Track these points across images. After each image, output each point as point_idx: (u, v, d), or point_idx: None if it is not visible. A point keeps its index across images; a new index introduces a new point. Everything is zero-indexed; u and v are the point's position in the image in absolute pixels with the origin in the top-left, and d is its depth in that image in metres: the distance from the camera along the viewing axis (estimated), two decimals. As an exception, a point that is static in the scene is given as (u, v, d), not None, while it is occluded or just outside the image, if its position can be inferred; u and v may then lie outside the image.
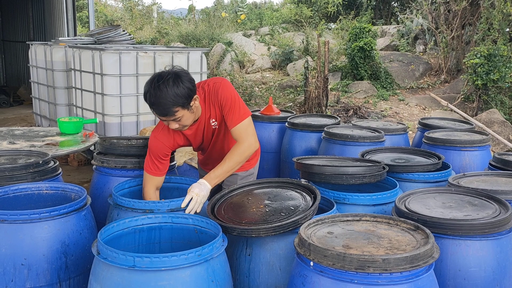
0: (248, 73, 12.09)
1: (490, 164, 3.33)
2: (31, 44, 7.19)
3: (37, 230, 2.23)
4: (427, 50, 11.76)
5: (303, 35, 12.94)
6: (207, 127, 2.81)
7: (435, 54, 11.32)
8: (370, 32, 10.37)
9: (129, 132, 5.48)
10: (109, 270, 1.89)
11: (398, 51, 11.94)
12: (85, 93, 5.76)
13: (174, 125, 2.61)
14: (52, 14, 10.79)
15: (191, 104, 2.56)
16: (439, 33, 10.73)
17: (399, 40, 12.41)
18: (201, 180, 2.56)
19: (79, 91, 5.87)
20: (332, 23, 15.32)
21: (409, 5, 13.43)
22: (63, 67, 6.42)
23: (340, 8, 14.82)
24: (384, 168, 2.89)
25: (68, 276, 2.30)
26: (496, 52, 8.16)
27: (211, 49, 12.34)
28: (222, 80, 2.76)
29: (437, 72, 10.82)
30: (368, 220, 2.15)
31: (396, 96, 9.88)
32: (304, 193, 2.49)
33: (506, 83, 8.42)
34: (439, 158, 3.21)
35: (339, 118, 4.74)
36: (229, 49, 12.34)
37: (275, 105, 9.22)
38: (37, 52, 6.87)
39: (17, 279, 2.19)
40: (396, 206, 2.37)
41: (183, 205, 2.42)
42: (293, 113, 5.02)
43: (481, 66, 8.20)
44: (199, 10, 17.89)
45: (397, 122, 4.80)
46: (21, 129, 4.40)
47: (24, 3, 12.01)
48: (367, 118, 8.24)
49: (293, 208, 2.34)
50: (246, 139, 2.65)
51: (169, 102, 2.47)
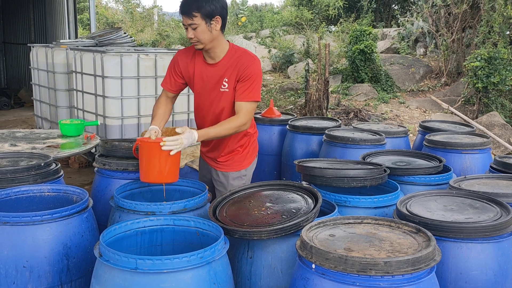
0: (249, 76, 12.09)
1: (491, 167, 3.33)
2: (33, 47, 7.20)
3: (39, 232, 2.23)
4: (428, 53, 11.77)
5: (304, 38, 12.95)
6: (217, 83, 2.86)
7: (436, 57, 11.33)
8: (371, 35, 10.39)
9: (130, 134, 5.49)
10: (111, 273, 1.89)
11: (399, 54, 11.96)
12: (86, 95, 5.77)
13: (190, 33, 2.73)
14: (54, 17, 10.81)
15: (211, 22, 2.70)
16: (440, 36, 10.74)
17: (400, 43, 12.43)
18: (194, 132, 2.67)
19: (80, 93, 5.88)
20: (333, 26, 15.35)
21: (410, 8, 13.45)
22: (65, 69, 6.43)
23: (341, 11, 14.84)
24: (386, 171, 2.90)
25: (70, 279, 2.30)
26: (497, 55, 8.17)
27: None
28: (257, 59, 2.87)
29: (438, 75, 10.84)
30: (370, 223, 2.16)
31: (397, 99, 9.89)
32: (306, 196, 2.49)
33: (507, 86, 8.42)
34: (440, 161, 3.22)
35: (340, 121, 4.75)
36: (230, 52, 12.34)
37: (276, 108, 9.25)
38: (39, 54, 6.89)
39: (19, 282, 2.20)
40: (398, 209, 2.37)
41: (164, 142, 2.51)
42: (294, 116, 5.03)
43: (482, 69, 8.21)
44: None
45: (398, 125, 4.81)
46: (23, 131, 4.40)
47: (26, 6, 12.04)
48: (368, 121, 8.25)
49: (295, 211, 2.34)
50: (244, 118, 2.78)
51: (193, 2, 2.66)
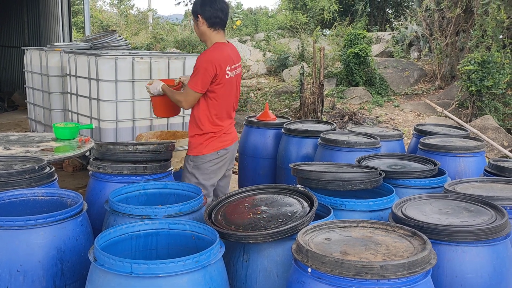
0: (244, 79, 12.11)
1: (485, 170, 3.34)
2: (26, 50, 7.17)
3: (33, 237, 2.22)
4: (422, 57, 11.84)
5: (299, 41, 12.99)
6: None
7: (430, 61, 11.39)
8: (365, 39, 10.44)
9: (125, 138, 5.46)
10: (106, 277, 1.88)
11: (393, 58, 12.02)
12: (81, 99, 5.74)
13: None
14: (48, 20, 10.77)
15: (197, 19, 3.19)
16: (433, 40, 10.81)
17: (394, 47, 12.49)
18: (160, 84, 3.35)
19: (75, 97, 5.86)
20: (328, 30, 15.40)
21: (404, 12, 13.53)
22: (59, 73, 6.39)
23: (336, 15, 14.90)
24: (381, 174, 2.90)
25: (64, 283, 2.28)
26: (490, 59, 8.23)
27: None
28: (207, 53, 3.18)
29: (432, 79, 10.89)
30: (365, 226, 2.15)
31: (391, 102, 9.93)
32: (301, 199, 2.49)
33: (500, 90, 8.48)
34: (435, 164, 3.23)
35: (335, 124, 4.75)
36: (225, 55, 12.35)
37: (271, 111, 9.25)
38: (32, 57, 6.85)
39: (13, 286, 2.18)
40: (393, 212, 2.37)
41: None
42: (289, 119, 5.02)
43: (475, 73, 8.26)
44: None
45: (393, 128, 4.82)
46: (16, 135, 4.38)
47: (20, 8, 12.00)
48: (363, 124, 8.27)
49: (290, 214, 2.34)
50: (182, 96, 3.26)
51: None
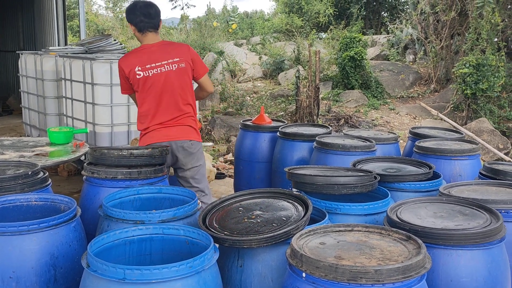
0: (240, 82, 12.12)
1: (480, 174, 3.34)
2: (21, 54, 7.16)
3: (26, 242, 2.19)
4: (417, 60, 11.87)
5: (294, 45, 13.01)
6: None
7: (425, 64, 11.43)
8: (361, 42, 10.46)
9: (120, 142, 5.45)
10: (99, 283, 1.86)
11: (388, 61, 12.05)
12: (76, 103, 5.73)
13: None
14: (43, 24, 10.75)
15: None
16: (429, 43, 10.84)
17: (389, 50, 12.53)
18: None
19: (70, 101, 5.85)
20: (323, 33, 15.42)
21: (399, 15, 13.58)
22: (53, 77, 6.38)
23: (331, 18, 14.94)
24: (376, 178, 2.90)
25: (57, 289, 2.26)
26: (485, 62, 8.26)
27: (203, 59, 12.35)
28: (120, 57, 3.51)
29: (427, 82, 10.92)
30: (360, 230, 2.15)
31: (387, 105, 9.95)
32: (296, 203, 2.48)
33: (495, 92, 8.51)
34: (430, 168, 3.22)
35: (331, 128, 4.75)
36: (221, 58, 12.37)
37: (267, 115, 9.25)
38: (27, 62, 6.84)
39: (5, 293, 2.16)
40: (388, 216, 2.37)
41: None
42: (285, 123, 5.02)
43: (470, 76, 8.29)
44: (191, 20, 17.92)
45: (388, 132, 4.82)
46: (10, 139, 4.36)
47: (14, 13, 11.97)
48: (358, 127, 8.29)
49: (285, 219, 2.33)
50: None
51: None
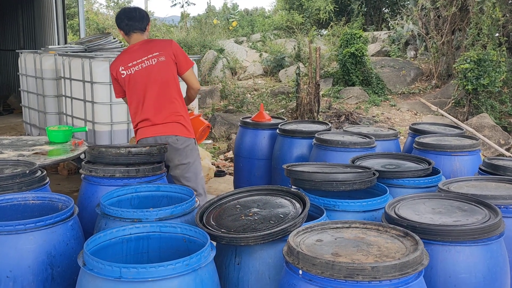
0: (240, 80, 12.10)
1: (480, 169, 3.32)
2: (21, 53, 7.15)
3: (22, 242, 2.19)
4: (418, 56, 11.83)
5: (295, 42, 12.98)
6: None
7: (426, 60, 11.39)
8: (361, 38, 10.42)
9: (120, 140, 5.45)
10: (95, 282, 1.86)
11: (389, 57, 12.01)
12: (75, 101, 5.72)
13: None
14: (42, 22, 10.75)
15: None
16: (430, 39, 10.80)
17: (390, 46, 12.48)
18: None
19: (69, 100, 5.84)
20: (324, 30, 15.39)
21: (400, 11, 13.53)
22: (53, 76, 6.37)
23: (332, 15, 14.89)
24: (374, 174, 2.88)
25: (55, 288, 2.26)
26: (486, 57, 8.23)
27: (203, 56, 12.33)
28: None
29: (428, 77, 10.89)
30: (358, 227, 2.14)
31: (388, 102, 9.92)
32: (294, 201, 2.47)
33: (496, 88, 8.47)
34: (429, 164, 3.21)
35: (330, 124, 4.73)
36: (221, 56, 12.35)
37: (267, 112, 9.23)
38: (27, 61, 6.83)
39: (2, 292, 2.16)
40: (386, 213, 2.36)
41: None
42: (284, 120, 5.01)
43: (471, 71, 8.26)
44: (192, 17, 17.91)
45: (388, 128, 4.80)
46: (10, 138, 4.36)
47: (14, 11, 11.97)
48: (359, 124, 8.26)
49: (283, 216, 2.32)
50: None
51: None
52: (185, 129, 3.54)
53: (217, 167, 6.73)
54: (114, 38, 7.35)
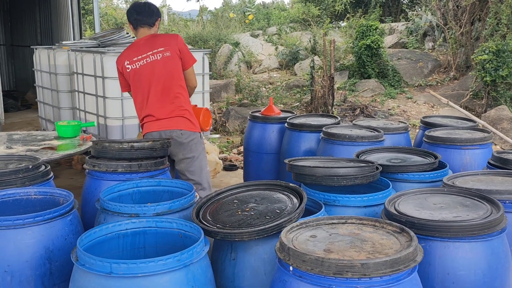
0: (256, 73, 12.06)
1: (489, 163, 3.24)
2: (35, 49, 7.24)
3: (21, 236, 2.21)
4: (436, 47, 11.60)
5: (311, 34, 12.86)
6: None
7: (444, 51, 11.16)
8: (377, 30, 10.27)
9: (131, 135, 5.47)
10: (87, 277, 1.87)
11: (407, 49, 11.80)
12: (88, 96, 5.78)
13: None
14: (59, 19, 10.87)
15: None
16: (448, 30, 10.58)
17: (408, 37, 12.27)
18: None
19: (82, 95, 5.89)
20: (341, 22, 15.22)
21: (418, 2, 13.27)
22: (66, 71, 6.44)
23: (348, 6, 14.71)
24: (378, 169, 2.83)
25: (53, 283, 2.28)
26: (505, 48, 8.01)
27: (218, 50, 12.31)
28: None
29: (446, 69, 10.67)
30: (354, 223, 2.10)
31: (404, 94, 9.77)
32: (292, 196, 2.44)
33: (515, 79, 8.26)
34: (436, 158, 3.14)
35: (339, 118, 4.67)
36: (236, 50, 12.31)
37: (281, 105, 9.17)
38: (41, 56, 6.91)
39: (1, 286, 2.18)
40: (385, 208, 2.31)
41: None
42: (294, 113, 4.96)
43: (490, 62, 8.06)
44: (208, 11, 17.89)
45: (399, 121, 4.72)
46: (20, 133, 4.42)
47: (32, 8, 12.13)
48: (374, 117, 8.15)
49: (279, 211, 2.29)
50: None
51: None
52: (190, 123, 3.54)
53: (230, 161, 6.73)
54: (127, 33, 7.39)
